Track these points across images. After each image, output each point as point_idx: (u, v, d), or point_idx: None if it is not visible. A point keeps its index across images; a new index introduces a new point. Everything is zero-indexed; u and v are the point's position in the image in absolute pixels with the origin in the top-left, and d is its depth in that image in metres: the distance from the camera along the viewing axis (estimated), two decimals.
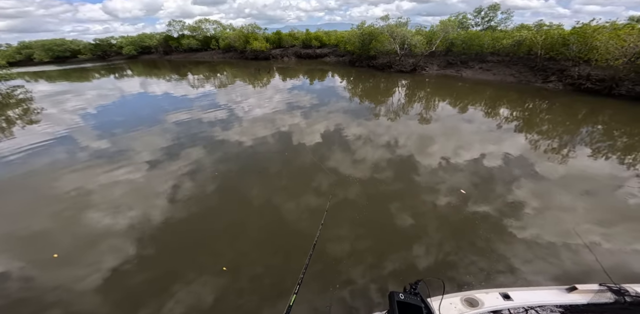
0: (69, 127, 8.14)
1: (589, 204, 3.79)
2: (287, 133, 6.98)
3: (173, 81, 17.51)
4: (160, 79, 18.79)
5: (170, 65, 28.43)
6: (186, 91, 13.52)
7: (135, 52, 37.64)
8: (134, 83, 17.24)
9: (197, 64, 27.38)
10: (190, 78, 18.32)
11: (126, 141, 6.71)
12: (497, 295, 1.63)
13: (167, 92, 13.50)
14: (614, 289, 1.65)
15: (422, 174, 4.76)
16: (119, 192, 4.38)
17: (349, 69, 20.30)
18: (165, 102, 11.21)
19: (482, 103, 9.82)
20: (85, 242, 3.32)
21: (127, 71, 25.29)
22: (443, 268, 2.80)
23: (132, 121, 8.56)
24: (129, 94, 13.77)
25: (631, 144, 6.03)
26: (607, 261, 2.77)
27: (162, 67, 26.84)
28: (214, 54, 33.18)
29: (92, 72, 25.76)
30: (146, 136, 7.07)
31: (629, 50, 9.34)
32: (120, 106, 11.19)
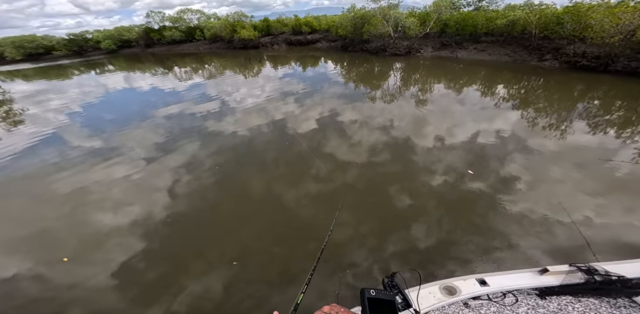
0: (57, 127, 8.07)
1: (577, 179, 4.03)
2: (282, 121, 7.07)
3: (159, 74, 17.21)
4: (145, 73, 18.43)
5: (154, 58, 27.68)
6: (174, 84, 13.37)
7: (114, 46, 36.38)
8: (118, 79, 16.90)
9: (183, 56, 26.71)
10: (177, 71, 18.00)
11: (118, 138, 6.71)
12: (474, 281, 1.69)
13: (154, 86, 13.34)
14: (583, 269, 1.72)
15: (419, 155, 4.95)
16: (118, 190, 4.42)
17: (342, 54, 20.06)
18: (153, 97, 11.12)
19: (477, 83, 9.99)
20: (91, 240, 3.39)
21: (108, 67, 24.63)
22: (443, 245, 2.97)
23: (122, 117, 8.51)
24: (114, 90, 13.56)
25: (626, 118, 6.30)
26: (592, 235, 2.94)
27: (146, 61, 26.16)
28: (200, 45, 32.30)
29: (71, 69, 25.01)
30: (138, 132, 7.07)
31: (624, 27, 9.56)
32: (107, 102, 11.03)
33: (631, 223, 3.13)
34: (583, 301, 1.69)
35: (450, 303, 1.65)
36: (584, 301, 1.69)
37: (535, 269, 1.79)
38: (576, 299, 1.71)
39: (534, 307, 1.69)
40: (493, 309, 1.70)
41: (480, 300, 1.76)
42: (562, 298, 1.72)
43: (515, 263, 2.76)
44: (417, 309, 1.47)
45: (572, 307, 1.66)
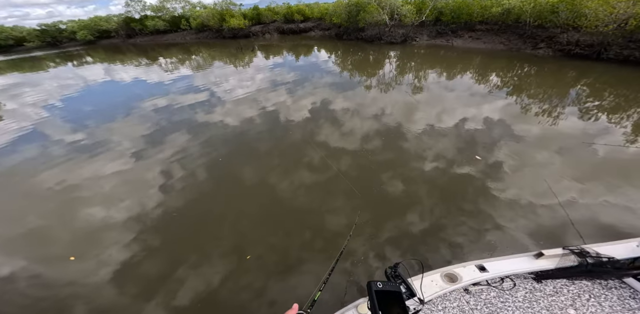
0: (37, 122, 7.67)
1: (563, 162, 4.16)
2: (275, 112, 6.93)
3: (143, 66, 16.43)
4: (127, 64, 17.57)
5: (136, 49, 26.38)
6: (159, 75, 12.80)
7: (92, 37, 34.45)
8: (98, 71, 16.07)
9: (168, 47, 25.51)
10: (162, 62, 17.22)
11: (103, 132, 6.46)
12: (473, 268, 1.73)
13: (138, 78, 12.74)
14: (575, 252, 1.77)
15: (411, 141, 5.01)
16: (109, 185, 4.31)
17: (336, 42, 19.64)
18: (138, 89, 10.64)
19: (472, 71, 10.06)
20: (86, 237, 3.33)
21: (86, 58, 23.37)
22: (435, 230, 3.04)
23: (105, 110, 8.14)
24: (94, 82, 12.90)
25: (614, 103, 6.48)
26: (577, 216, 3.05)
27: (128, 52, 24.90)
28: (186, 34, 30.90)
29: (46, 61, 23.60)
30: (124, 126, 6.82)
31: (618, 16, 9.66)
32: (88, 95, 10.52)
33: (614, 204, 3.26)
34: (577, 283, 1.75)
35: (452, 290, 1.67)
36: (578, 283, 1.75)
37: (531, 253, 1.83)
38: (570, 281, 1.77)
39: (531, 291, 1.74)
40: (493, 294, 1.74)
41: (480, 286, 1.79)
42: (557, 281, 1.78)
43: (513, 245, 2.84)
44: (422, 298, 1.50)
45: (567, 289, 1.72)
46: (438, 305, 1.69)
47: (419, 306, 1.52)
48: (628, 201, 3.30)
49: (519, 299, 1.69)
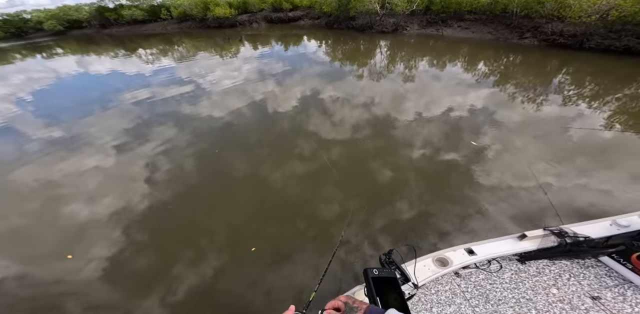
0: (8, 118, 7.10)
1: (543, 146, 4.32)
2: (264, 103, 6.73)
3: (120, 57, 15.39)
4: (103, 56, 16.40)
5: (113, 40, 24.62)
6: (139, 67, 12.04)
7: (61, 27, 31.79)
8: (70, 62, 14.93)
9: (147, 37, 23.94)
10: (142, 53, 16.18)
11: (81, 127, 6.06)
12: (462, 251, 1.80)
13: (116, 70, 11.94)
14: (555, 232, 1.85)
15: (400, 129, 5.09)
16: (92, 182, 4.09)
17: (326, 32, 19.15)
18: (116, 82, 9.99)
19: (461, 60, 10.18)
20: (72, 235, 3.18)
21: (56, 50, 21.63)
22: (424, 216, 3.10)
23: (81, 104, 7.61)
24: (67, 75, 11.99)
25: (592, 90, 6.74)
26: (557, 198, 3.18)
27: (102, 43, 23.20)
28: (167, 24, 29.01)
29: (10, 52, 21.68)
30: (103, 120, 6.42)
31: (601, 7, 9.88)
32: (62, 89, 9.79)
33: (588, 184, 3.45)
34: (557, 263, 1.82)
35: (444, 274, 1.71)
36: (558, 263, 1.82)
37: (515, 235, 1.90)
38: (551, 261, 1.83)
39: (517, 272, 1.79)
40: (481, 276, 1.79)
41: (469, 269, 1.83)
42: (540, 261, 1.84)
43: (500, 226, 2.94)
44: (416, 283, 1.54)
45: (548, 270, 1.79)
46: (431, 289, 1.73)
47: (413, 290, 1.56)
48: (602, 182, 3.48)
49: (506, 280, 1.74)
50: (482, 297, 1.66)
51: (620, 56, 9.39)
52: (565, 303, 1.60)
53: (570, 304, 1.59)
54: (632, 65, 8.48)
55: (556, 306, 1.59)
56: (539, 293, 1.66)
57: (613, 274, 1.75)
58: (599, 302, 1.59)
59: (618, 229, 1.87)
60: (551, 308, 1.58)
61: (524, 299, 1.63)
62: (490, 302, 1.63)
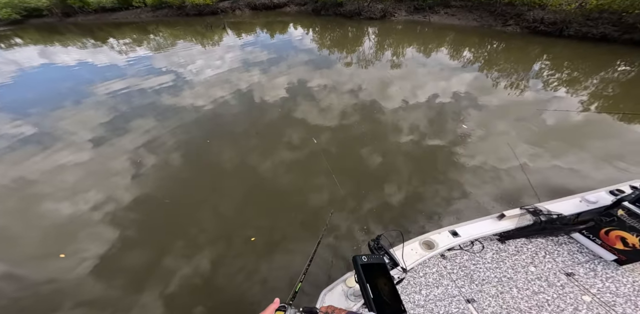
0: None
1: (523, 128, 4.50)
2: (251, 92, 6.46)
3: (89, 47, 14.09)
4: (70, 46, 14.95)
5: (79, 29, 22.43)
6: (111, 58, 11.10)
7: (18, 16, 28.46)
8: (33, 54, 13.52)
9: (119, 26, 22.00)
10: (114, 43, 14.88)
11: (52, 121, 5.58)
12: (447, 234, 1.84)
13: (85, 61, 10.95)
14: (531, 211, 1.91)
15: (388, 115, 5.14)
16: (71, 179, 3.84)
17: (313, 18, 18.38)
18: (86, 73, 9.19)
19: (447, 47, 10.29)
20: (62, 234, 3.03)
21: (14, 40, 19.49)
22: (413, 200, 3.16)
23: (50, 97, 6.98)
24: (30, 67, 10.87)
25: (569, 75, 6.99)
26: (536, 178, 3.32)
27: (67, 33, 21.08)
28: (141, 12, 26.59)
29: None
30: (76, 113, 5.95)
31: None
32: (25, 82, 8.91)
33: (560, 164, 3.64)
34: (534, 241, 1.89)
35: (430, 257, 1.75)
36: (534, 241, 1.89)
37: (494, 215, 1.95)
38: (528, 240, 1.90)
39: (497, 251, 1.85)
40: (465, 257, 1.84)
41: (454, 250, 1.88)
42: (518, 240, 1.91)
43: (483, 206, 3.05)
44: (404, 267, 1.53)
45: (526, 248, 1.86)
46: (419, 272, 1.76)
47: (402, 274, 1.56)
48: (577, 161, 3.69)
49: (488, 260, 1.81)
50: (467, 278, 1.72)
51: (598, 43, 9.68)
52: (543, 281, 1.67)
53: (547, 281, 1.67)
54: (608, 52, 8.79)
55: (535, 284, 1.66)
56: (519, 271, 1.73)
57: (584, 250, 1.83)
58: (573, 278, 1.67)
59: (587, 206, 1.96)
60: (530, 286, 1.65)
61: (506, 278, 1.70)
62: (475, 282, 1.69)
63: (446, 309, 1.57)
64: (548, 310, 1.53)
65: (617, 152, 3.79)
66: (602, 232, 1.73)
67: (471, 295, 1.62)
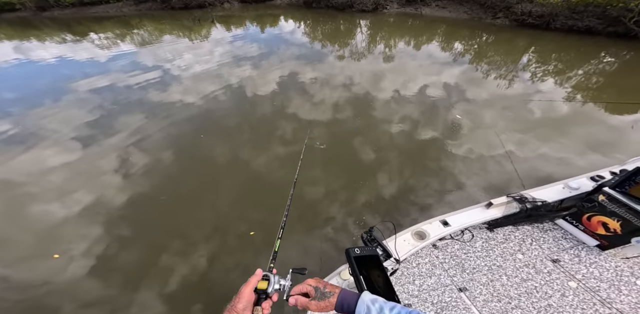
0: None
1: (511, 118, 4.63)
2: (242, 87, 6.32)
3: (69, 42, 13.35)
4: (47, 41, 14.13)
5: (56, 24, 21.20)
6: (93, 53, 10.56)
7: None
8: (6, 49, 12.68)
9: (100, 20, 20.87)
10: (94, 37, 14.12)
11: (34, 120, 5.31)
12: (438, 224, 1.84)
13: (64, 57, 10.37)
14: (517, 198, 1.92)
15: (381, 107, 5.19)
16: (59, 179, 3.70)
17: (304, 11, 17.96)
18: (66, 69, 8.72)
19: (438, 40, 10.36)
20: (49, 236, 2.94)
21: None
22: (405, 191, 3.20)
23: (29, 95, 6.61)
24: (5, 63, 10.23)
25: (555, 67, 7.17)
26: (522, 167, 3.40)
27: (44, 27, 19.91)
28: (123, 6, 25.27)
29: None
30: (59, 111, 5.68)
31: None
32: (0, 78, 8.46)
33: (546, 152, 3.77)
34: (520, 228, 1.93)
35: (422, 247, 1.75)
36: (521, 228, 1.93)
37: (483, 204, 1.96)
38: (515, 227, 1.94)
39: (487, 240, 1.88)
40: (456, 246, 1.86)
41: (445, 240, 1.90)
42: (506, 228, 1.94)
43: (473, 195, 3.12)
44: (397, 258, 1.54)
45: (513, 236, 1.90)
46: (412, 262, 1.78)
47: (396, 265, 1.57)
48: (561, 148, 3.82)
49: (478, 249, 1.83)
50: (458, 267, 1.74)
51: (583, 36, 9.86)
52: (531, 268, 1.71)
53: (534, 268, 1.71)
54: (592, 44, 8.97)
55: (523, 271, 1.69)
56: (507, 259, 1.77)
57: (568, 236, 1.88)
58: (558, 265, 1.71)
59: (570, 192, 1.99)
60: (519, 273, 1.68)
61: (495, 266, 1.73)
62: (466, 271, 1.71)
63: (440, 299, 1.58)
64: (537, 297, 1.56)
65: (601, 139, 3.96)
66: (585, 218, 1.77)
67: (463, 284, 1.65)
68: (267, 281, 0.68)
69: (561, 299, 1.54)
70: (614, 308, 1.48)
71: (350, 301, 0.61)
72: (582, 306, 1.51)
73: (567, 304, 1.52)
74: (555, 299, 1.54)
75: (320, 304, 0.63)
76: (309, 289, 0.66)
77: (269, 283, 0.68)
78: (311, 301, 0.64)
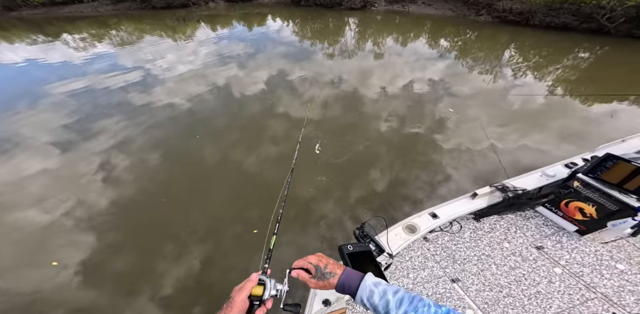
0: None
1: (493, 111, 4.85)
2: (229, 87, 6.27)
3: (40, 43, 12.68)
4: (16, 43, 13.37)
5: (25, 24, 20.11)
6: (67, 55, 10.10)
7: None
8: None
9: (73, 21, 19.95)
10: (68, 39, 13.49)
11: (5, 125, 5.03)
12: (427, 216, 1.89)
13: (36, 58, 9.84)
14: (499, 188, 2.00)
15: (370, 103, 5.34)
16: (36, 186, 3.54)
17: (292, 9, 17.93)
18: (39, 72, 8.28)
19: (425, 36, 10.69)
20: (33, 244, 2.82)
21: None
22: (397, 185, 3.29)
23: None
24: None
25: (534, 62, 7.53)
26: (505, 157, 3.60)
27: (12, 28, 18.80)
28: (98, 6, 24.20)
29: None
30: (32, 115, 5.40)
31: None
32: None
33: (525, 142, 3.99)
34: (505, 217, 2.01)
35: (414, 240, 1.79)
36: (506, 217, 2.01)
37: (468, 195, 2.02)
38: (500, 216, 2.02)
39: (474, 230, 1.94)
40: (446, 238, 1.92)
41: (435, 232, 1.95)
42: (491, 217, 2.01)
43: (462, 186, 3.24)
44: (390, 252, 1.57)
45: (499, 225, 1.97)
46: (405, 256, 1.81)
47: (389, 260, 1.59)
48: (540, 139, 4.05)
49: (467, 239, 1.89)
50: (449, 258, 1.79)
51: (559, 32, 10.40)
52: (517, 256, 1.77)
53: (521, 256, 1.77)
54: (568, 40, 9.48)
55: (510, 260, 1.75)
56: (495, 248, 1.83)
57: (549, 223, 1.97)
58: (543, 251, 1.78)
59: (547, 179, 2.09)
60: (507, 262, 1.74)
61: (484, 256, 1.79)
62: (457, 262, 1.76)
63: (434, 291, 1.62)
64: (525, 284, 1.62)
65: (578, 128, 4.30)
66: (562, 204, 1.86)
67: (455, 275, 1.69)
68: (263, 287, 0.64)
69: (549, 286, 1.60)
70: (598, 292, 1.54)
71: (352, 283, 0.61)
72: (569, 291, 1.56)
73: (555, 290, 1.57)
74: (543, 285, 1.60)
75: (320, 284, 0.63)
76: (309, 267, 0.65)
77: (265, 289, 0.63)
78: (311, 279, 0.64)
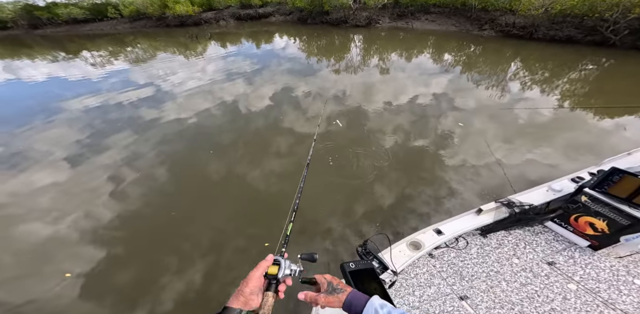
0: None
1: (500, 126, 4.92)
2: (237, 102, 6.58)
3: (60, 61, 13.83)
4: (38, 60, 14.60)
5: (48, 42, 22.08)
6: (85, 71, 10.93)
7: None
8: None
9: (93, 38, 21.81)
10: (87, 56, 14.69)
11: (21, 140, 5.39)
12: (432, 233, 1.89)
13: (56, 75, 10.71)
14: (505, 203, 2.02)
15: (376, 119, 5.46)
16: (47, 199, 3.73)
17: (299, 27, 19.21)
18: (57, 88, 8.97)
19: (429, 52, 11.08)
20: (40, 256, 2.94)
21: None
22: (403, 201, 3.31)
23: (17, 114, 6.74)
24: None
25: (540, 75, 7.66)
26: (512, 172, 3.60)
27: (36, 46, 20.68)
28: (117, 24, 26.71)
29: None
30: (48, 130, 5.79)
31: (545, 1, 11.24)
32: None
33: (532, 157, 3.99)
34: (513, 233, 2.01)
35: (419, 257, 1.79)
36: (513, 233, 2.01)
37: (473, 211, 2.04)
38: (507, 232, 2.02)
39: (481, 246, 1.95)
40: (452, 254, 1.92)
41: (441, 249, 1.95)
42: (498, 233, 2.02)
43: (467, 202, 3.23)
44: (394, 270, 1.59)
45: (507, 240, 1.97)
46: (410, 273, 1.81)
47: (393, 277, 1.61)
48: (546, 154, 4.05)
49: (474, 255, 1.89)
50: (457, 275, 1.77)
51: (564, 45, 10.71)
52: (528, 272, 1.75)
53: (532, 272, 1.75)
54: (573, 53, 9.72)
55: (521, 276, 1.73)
56: (504, 264, 1.81)
57: (559, 238, 1.96)
58: (555, 267, 1.76)
59: (554, 194, 2.10)
60: (517, 278, 1.71)
61: (493, 272, 1.77)
62: (465, 279, 1.74)
63: (441, 309, 1.59)
64: (539, 301, 1.58)
65: (584, 142, 4.30)
66: (572, 219, 1.86)
67: (463, 292, 1.67)
68: (278, 266, 0.69)
69: (564, 303, 1.56)
70: (618, 309, 1.50)
71: (358, 302, 0.64)
72: (586, 308, 1.52)
73: (571, 307, 1.53)
74: (558, 302, 1.56)
75: (329, 299, 0.66)
76: (322, 281, 0.70)
77: (280, 268, 0.68)
78: (321, 294, 0.68)
